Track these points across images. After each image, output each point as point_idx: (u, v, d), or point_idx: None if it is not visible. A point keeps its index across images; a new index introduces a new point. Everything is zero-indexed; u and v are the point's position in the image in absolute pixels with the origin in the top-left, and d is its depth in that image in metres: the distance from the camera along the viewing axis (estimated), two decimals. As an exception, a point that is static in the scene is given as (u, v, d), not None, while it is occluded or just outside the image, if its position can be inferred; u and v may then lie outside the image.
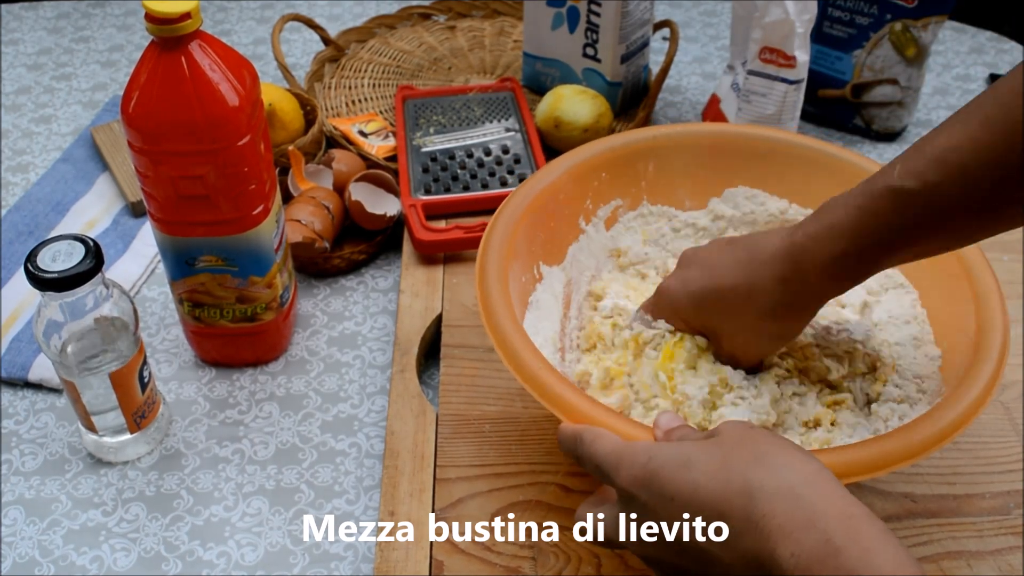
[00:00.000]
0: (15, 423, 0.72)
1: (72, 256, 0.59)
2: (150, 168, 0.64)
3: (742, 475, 0.43)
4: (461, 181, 0.87)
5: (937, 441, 0.53)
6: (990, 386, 0.55)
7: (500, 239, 0.65)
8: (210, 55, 0.62)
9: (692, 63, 1.13)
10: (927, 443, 0.52)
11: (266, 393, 0.74)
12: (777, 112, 0.90)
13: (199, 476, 0.68)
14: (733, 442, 0.45)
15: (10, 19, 1.22)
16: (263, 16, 1.23)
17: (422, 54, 1.12)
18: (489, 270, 0.62)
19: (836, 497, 0.42)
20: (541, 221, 0.69)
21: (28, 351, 0.75)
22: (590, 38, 0.98)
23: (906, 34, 0.92)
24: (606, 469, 0.49)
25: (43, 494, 0.67)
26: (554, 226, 0.70)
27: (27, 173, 0.96)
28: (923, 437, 0.53)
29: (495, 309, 0.60)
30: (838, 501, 0.41)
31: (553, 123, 0.93)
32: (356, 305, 0.81)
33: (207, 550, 0.63)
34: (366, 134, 0.95)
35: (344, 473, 0.68)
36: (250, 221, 0.67)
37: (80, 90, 1.09)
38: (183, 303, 0.72)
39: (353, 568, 0.62)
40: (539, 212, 0.68)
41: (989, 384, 0.56)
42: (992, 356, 0.57)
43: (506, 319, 0.59)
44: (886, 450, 0.52)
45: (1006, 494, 0.63)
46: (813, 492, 0.41)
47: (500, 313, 0.59)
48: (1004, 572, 0.59)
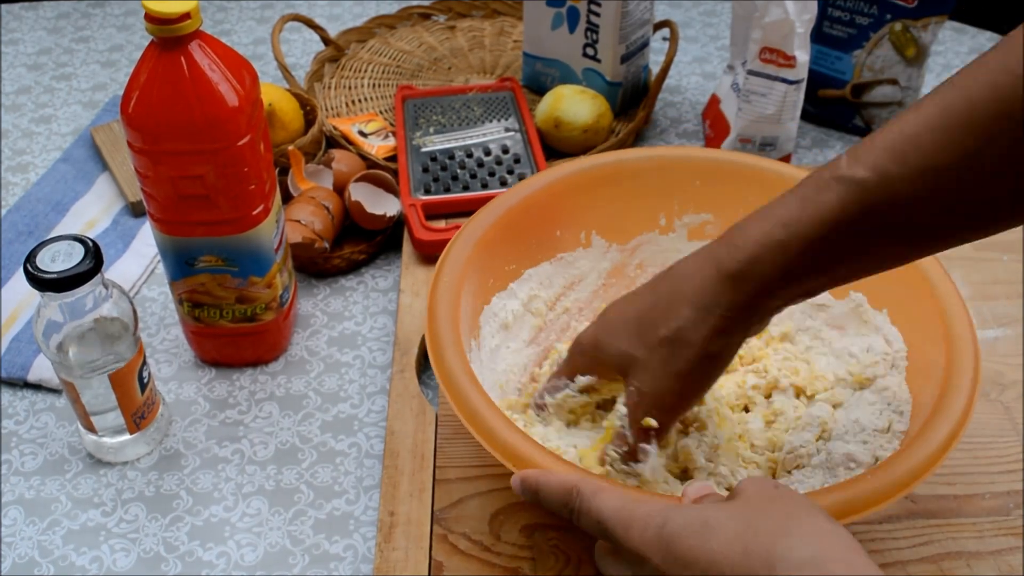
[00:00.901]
0: (15, 423, 0.72)
1: (72, 256, 0.59)
2: (150, 168, 0.64)
3: (765, 545, 0.40)
4: (461, 181, 0.87)
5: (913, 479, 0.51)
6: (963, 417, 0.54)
7: (454, 265, 0.63)
8: (210, 55, 0.62)
9: (692, 63, 1.13)
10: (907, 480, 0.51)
11: (266, 393, 0.74)
12: (777, 112, 0.90)
13: (199, 476, 0.68)
14: (757, 506, 0.42)
15: (10, 19, 1.22)
16: (263, 16, 1.23)
17: (422, 54, 1.11)
18: (440, 303, 0.61)
19: (863, 572, 0.39)
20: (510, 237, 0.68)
21: (28, 351, 0.75)
22: (590, 38, 0.97)
23: (906, 34, 0.92)
24: (613, 528, 0.45)
25: (43, 494, 0.67)
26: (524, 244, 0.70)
27: (27, 173, 0.96)
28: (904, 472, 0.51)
29: (444, 353, 0.57)
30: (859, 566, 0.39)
31: (553, 123, 0.93)
32: (356, 305, 0.81)
33: (207, 550, 0.63)
34: (366, 134, 0.95)
35: (344, 473, 0.68)
36: (250, 221, 0.67)
37: (80, 90, 1.09)
38: (183, 303, 0.72)
39: (353, 568, 0.62)
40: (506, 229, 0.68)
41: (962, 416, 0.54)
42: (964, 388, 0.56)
43: (457, 366, 0.57)
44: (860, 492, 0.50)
45: (1006, 494, 0.63)
46: (840, 567, 0.39)
47: (451, 361, 0.57)
48: (1004, 572, 0.59)
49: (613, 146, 0.95)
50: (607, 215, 0.73)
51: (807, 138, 1.01)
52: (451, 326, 0.59)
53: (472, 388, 0.55)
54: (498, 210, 0.68)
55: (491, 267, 0.67)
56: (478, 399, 0.55)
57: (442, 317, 0.60)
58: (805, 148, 1.00)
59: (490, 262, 0.67)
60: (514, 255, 0.69)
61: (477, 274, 0.65)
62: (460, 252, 0.65)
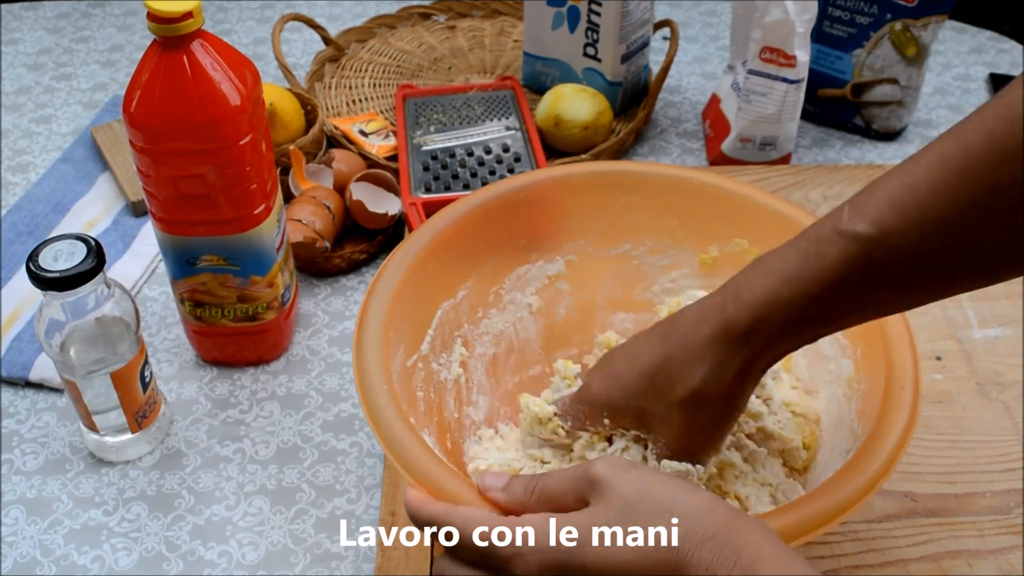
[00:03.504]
0: (16, 422, 0.72)
1: (74, 256, 0.59)
2: (151, 167, 0.64)
3: (667, 553, 0.42)
4: (461, 179, 0.87)
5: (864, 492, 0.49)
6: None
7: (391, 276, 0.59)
8: (212, 54, 0.62)
9: (692, 63, 1.13)
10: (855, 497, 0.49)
11: (267, 392, 0.74)
12: (777, 112, 0.90)
13: (200, 475, 0.68)
14: (635, 500, 0.43)
15: (10, 19, 1.22)
16: (263, 16, 1.23)
17: (422, 54, 1.12)
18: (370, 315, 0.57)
19: (752, 533, 0.42)
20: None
21: (29, 351, 0.75)
22: (590, 38, 0.98)
23: (906, 34, 0.92)
24: (499, 557, 0.44)
25: (44, 493, 0.67)
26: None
27: (27, 173, 0.96)
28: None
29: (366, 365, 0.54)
30: (754, 536, 0.42)
31: (553, 121, 0.93)
32: (357, 304, 0.82)
33: (208, 549, 0.63)
34: (367, 133, 0.95)
35: (345, 472, 0.68)
36: (251, 220, 0.67)
37: (80, 90, 1.09)
38: (184, 303, 0.72)
39: (354, 568, 0.62)
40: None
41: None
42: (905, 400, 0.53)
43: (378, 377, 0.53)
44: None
45: (1006, 493, 0.63)
46: (732, 533, 0.41)
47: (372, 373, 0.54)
48: (1004, 572, 0.59)
49: (613, 145, 0.95)
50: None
51: (807, 138, 1.01)
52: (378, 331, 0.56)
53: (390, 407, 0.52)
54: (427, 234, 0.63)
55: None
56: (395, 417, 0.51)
57: (369, 329, 0.56)
58: (805, 148, 1.00)
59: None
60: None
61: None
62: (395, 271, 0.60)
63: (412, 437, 0.50)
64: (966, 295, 0.77)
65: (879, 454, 0.49)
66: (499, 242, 0.67)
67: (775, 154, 0.93)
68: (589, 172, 0.69)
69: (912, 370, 0.54)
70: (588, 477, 0.45)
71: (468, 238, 0.65)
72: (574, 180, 0.68)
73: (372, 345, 0.55)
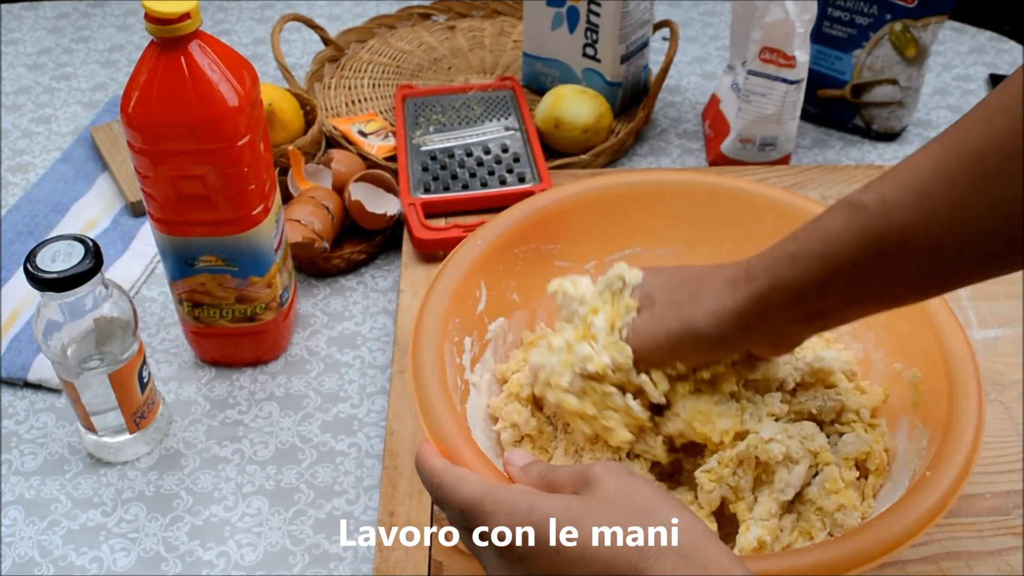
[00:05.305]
0: (15, 423, 0.72)
1: (72, 256, 0.59)
2: (150, 168, 0.64)
3: (630, 554, 0.43)
4: (460, 180, 0.87)
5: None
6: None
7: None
8: (210, 55, 0.62)
9: (692, 63, 1.13)
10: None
11: (266, 393, 0.74)
12: (777, 112, 0.90)
13: (199, 476, 0.68)
14: (618, 499, 0.45)
15: (10, 19, 1.22)
16: (263, 16, 1.23)
17: (422, 54, 1.11)
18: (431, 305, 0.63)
19: (723, 559, 0.42)
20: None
21: (28, 351, 0.75)
22: (590, 38, 0.97)
23: (906, 34, 0.92)
24: (474, 514, 0.47)
25: (43, 494, 0.67)
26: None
27: (27, 173, 0.96)
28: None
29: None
30: (724, 562, 0.42)
31: (553, 123, 0.93)
32: (356, 305, 0.81)
33: (207, 550, 0.63)
34: (366, 134, 0.95)
35: (344, 473, 0.68)
36: (250, 221, 0.67)
37: (80, 90, 1.09)
38: (183, 303, 0.72)
39: (353, 568, 0.62)
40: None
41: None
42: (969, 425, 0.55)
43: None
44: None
45: (1006, 494, 0.63)
46: (701, 555, 0.42)
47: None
48: (1004, 572, 0.59)
49: (613, 146, 0.95)
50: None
51: (807, 138, 1.01)
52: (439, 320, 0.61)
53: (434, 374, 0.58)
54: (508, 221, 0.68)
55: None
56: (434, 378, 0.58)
57: (431, 313, 0.62)
58: (805, 148, 1.00)
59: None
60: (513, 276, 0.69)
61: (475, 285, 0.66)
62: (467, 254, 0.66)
63: (442, 395, 0.57)
64: (966, 295, 0.77)
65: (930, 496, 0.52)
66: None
67: (775, 154, 0.93)
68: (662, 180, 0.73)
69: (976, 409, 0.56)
70: (586, 474, 0.47)
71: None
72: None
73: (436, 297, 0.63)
